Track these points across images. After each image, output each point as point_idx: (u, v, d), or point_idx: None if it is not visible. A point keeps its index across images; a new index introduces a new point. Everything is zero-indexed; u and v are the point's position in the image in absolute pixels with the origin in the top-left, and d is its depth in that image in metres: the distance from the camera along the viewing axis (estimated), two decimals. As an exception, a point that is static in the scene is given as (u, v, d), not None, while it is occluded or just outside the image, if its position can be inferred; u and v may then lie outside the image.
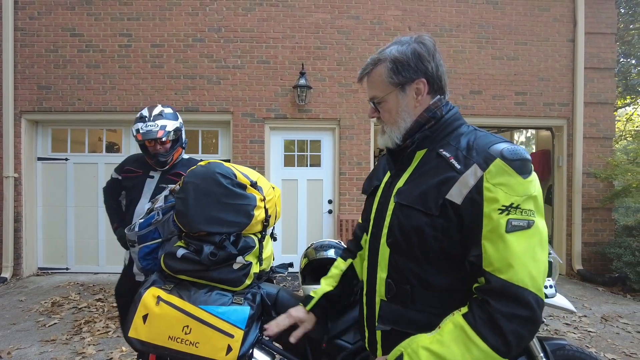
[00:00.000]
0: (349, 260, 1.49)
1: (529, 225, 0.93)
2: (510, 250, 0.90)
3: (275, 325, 1.45)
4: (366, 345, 1.23)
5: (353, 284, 1.47)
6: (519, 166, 0.95)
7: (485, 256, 0.93)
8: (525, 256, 0.91)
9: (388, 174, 1.23)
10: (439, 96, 1.12)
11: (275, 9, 5.80)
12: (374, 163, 6.03)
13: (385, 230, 1.11)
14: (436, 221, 1.00)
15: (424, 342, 0.95)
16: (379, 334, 1.13)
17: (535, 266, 0.91)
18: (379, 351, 1.14)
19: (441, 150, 1.06)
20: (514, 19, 6.01)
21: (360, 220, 1.54)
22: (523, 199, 0.93)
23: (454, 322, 0.94)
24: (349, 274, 1.47)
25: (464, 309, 0.96)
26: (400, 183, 1.12)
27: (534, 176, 0.97)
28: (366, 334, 1.21)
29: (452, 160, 1.01)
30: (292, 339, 1.41)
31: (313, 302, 1.44)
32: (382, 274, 1.11)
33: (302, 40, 5.83)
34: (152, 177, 2.36)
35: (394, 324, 1.08)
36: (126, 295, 2.31)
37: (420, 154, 1.11)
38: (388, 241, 1.10)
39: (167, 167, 2.35)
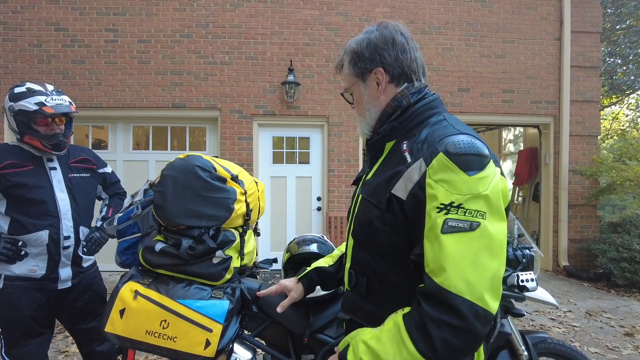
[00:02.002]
0: None
1: (472, 227, 0.84)
2: (443, 252, 0.83)
3: (266, 290, 1.47)
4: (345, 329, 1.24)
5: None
6: (463, 162, 0.86)
7: (425, 256, 0.87)
8: (461, 261, 0.82)
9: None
10: (406, 84, 1.06)
11: (264, 5, 5.77)
12: (363, 160, 6.05)
13: (352, 222, 1.13)
14: (384, 215, 0.97)
15: (365, 336, 0.94)
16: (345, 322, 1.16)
17: (474, 273, 0.82)
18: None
19: (405, 142, 1.01)
20: (502, 17, 6.05)
21: None
22: (466, 198, 0.84)
23: (394, 321, 0.91)
24: None
25: (407, 309, 0.92)
26: (369, 176, 1.11)
27: (485, 173, 0.87)
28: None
29: (406, 154, 0.97)
30: (279, 308, 1.39)
31: (304, 272, 1.44)
32: (347, 264, 1.14)
33: (291, 36, 5.81)
34: (55, 168, 1.98)
35: (352, 314, 1.10)
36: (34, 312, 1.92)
37: (389, 146, 1.09)
38: (352, 233, 1.12)
39: (63, 152, 2.01)
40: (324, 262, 1.45)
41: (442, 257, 0.83)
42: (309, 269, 1.44)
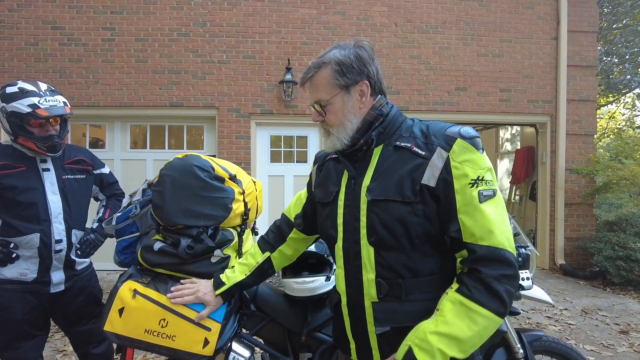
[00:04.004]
0: (267, 254, 1.50)
1: (495, 193, 1.03)
2: (487, 218, 0.99)
3: (180, 298, 1.42)
4: (354, 356, 1.20)
5: (268, 274, 1.51)
6: (476, 143, 1.05)
7: (464, 229, 1.00)
8: (499, 221, 1.00)
9: (345, 178, 1.20)
10: (380, 96, 1.17)
11: (261, 4, 5.76)
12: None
13: (363, 231, 1.10)
14: (416, 207, 1.04)
15: (430, 328, 0.98)
16: (373, 339, 1.12)
17: (507, 228, 1.01)
18: (376, 355, 1.13)
19: (398, 142, 1.12)
20: (499, 17, 6.07)
21: (290, 217, 1.52)
22: (485, 171, 1.03)
23: (451, 300, 0.99)
24: (265, 267, 1.50)
25: (455, 285, 1.01)
26: (366, 181, 1.12)
27: (484, 151, 1.08)
28: (353, 345, 1.19)
29: (415, 149, 1.08)
30: (197, 319, 1.39)
31: (223, 288, 1.44)
32: (369, 275, 1.10)
33: (288, 35, 5.80)
34: (48, 169, 1.93)
35: (392, 322, 1.08)
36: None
37: (377, 151, 1.15)
38: (370, 240, 1.09)
39: (58, 154, 1.96)
40: (239, 272, 1.47)
41: (487, 222, 0.99)
42: (227, 285, 1.44)
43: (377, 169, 1.12)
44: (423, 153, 1.06)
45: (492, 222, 0.99)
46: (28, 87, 1.83)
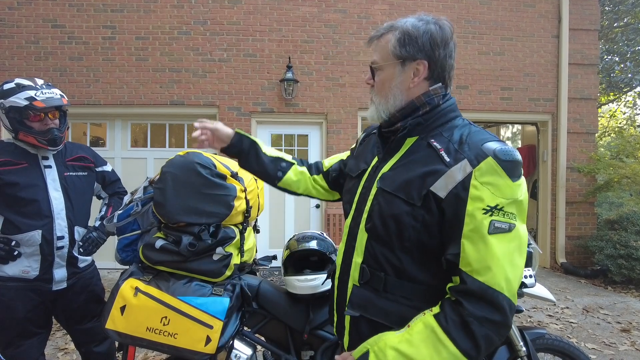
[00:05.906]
0: (294, 162, 1.45)
1: (510, 228, 0.90)
2: (490, 252, 0.88)
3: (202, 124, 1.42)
4: (334, 329, 1.22)
5: (277, 175, 1.40)
6: (510, 168, 0.92)
7: (464, 255, 0.91)
8: (504, 259, 0.89)
9: (376, 158, 1.17)
10: (440, 84, 1.07)
11: (262, 2, 5.75)
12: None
13: (365, 215, 1.09)
14: (417, 211, 0.97)
15: (392, 342, 0.93)
16: (347, 319, 1.12)
17: (512, 271, 0.89)
18: (346, 337, 1.14)
19: (432, 140, 1.03)
20: (500, 15, 6.05)
21: (323, 165, 1.50)
22: (508, 202, 0.91)
23: (425, 323, 0.92)
24: (282, 165, 1.41)
25: (436, 309, 0.94)
26: (385, 168, 1.09)
27: (522, 180, 0.95)
28: (335, 318, 1.20)
29: (442, 153, 0.98)
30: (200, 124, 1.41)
31: (243, 132, 1.39)
32: (357, 259, 1.10)
33: (289, 33, 5.79)
34: (50, 166, 1.93)
35: (364, 311, 1.07)
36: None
37: (410, 141, 1.08)
38: (367, 226, 1.08)
39: (59, 147, 1.96)
40: (264, 148, 1.41)
41: (489, 257, 0.88)
42: (249, 136, 1.38)
43: (400, 159, 1.07)
44: (448, 160, 0.96)
45: (495, 259, 0.88)
46: (25, 82, 1.85)
